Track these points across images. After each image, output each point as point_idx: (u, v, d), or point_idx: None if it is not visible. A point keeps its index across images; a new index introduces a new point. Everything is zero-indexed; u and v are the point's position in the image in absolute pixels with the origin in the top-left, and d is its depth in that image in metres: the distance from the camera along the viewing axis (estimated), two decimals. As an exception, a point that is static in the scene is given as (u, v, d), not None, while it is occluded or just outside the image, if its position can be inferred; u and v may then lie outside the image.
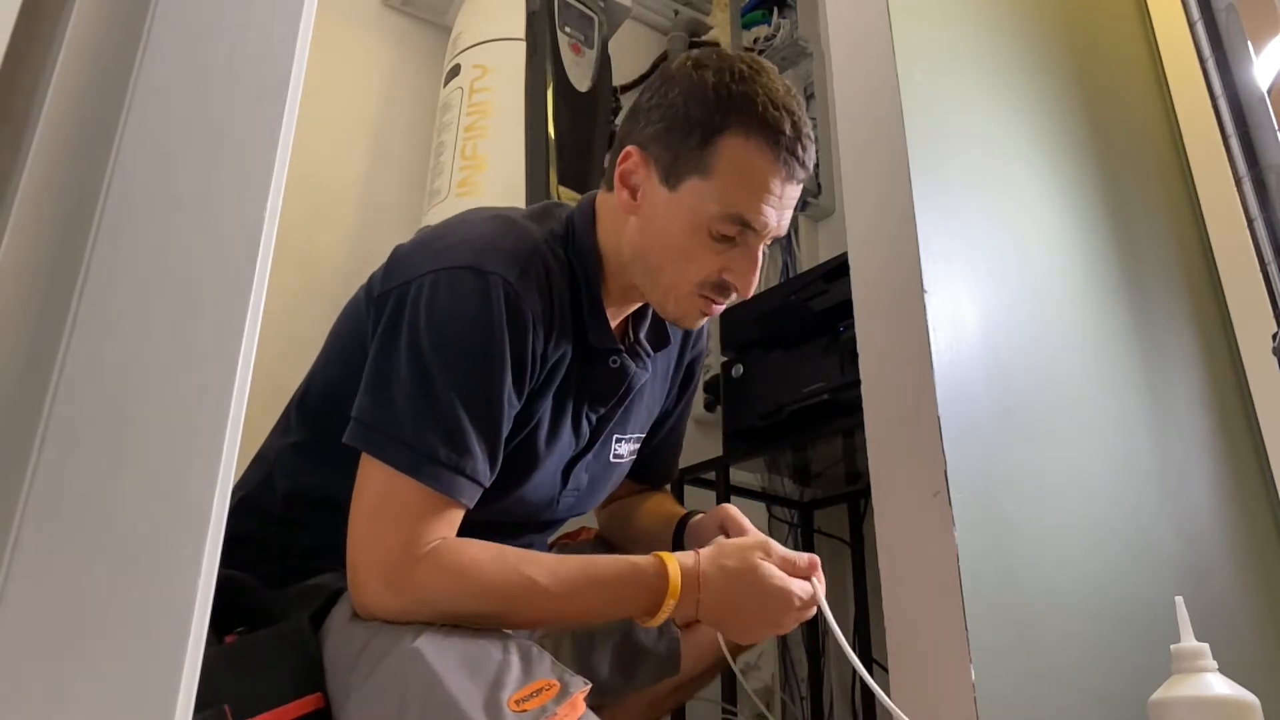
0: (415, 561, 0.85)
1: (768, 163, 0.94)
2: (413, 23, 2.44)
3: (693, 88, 0.96)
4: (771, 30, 2.47)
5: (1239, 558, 1.45)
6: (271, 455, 1.05)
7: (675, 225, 0.97)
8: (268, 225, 0.53)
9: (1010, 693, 1.01)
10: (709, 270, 0.98)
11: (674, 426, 1.25)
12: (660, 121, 0.98)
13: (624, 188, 1.00)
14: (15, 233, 0.45)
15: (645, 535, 1.19)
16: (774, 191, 0.95)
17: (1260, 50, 1.53)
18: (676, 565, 0.91)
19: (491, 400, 0.90)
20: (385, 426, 0.88)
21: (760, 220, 0.96)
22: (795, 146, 0.95)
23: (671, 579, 0.90)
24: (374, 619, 0.86)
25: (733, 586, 0.91)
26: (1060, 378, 1.32)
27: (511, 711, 0.76)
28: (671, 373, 1.19)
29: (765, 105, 0.94)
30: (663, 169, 0.97)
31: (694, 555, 0.93)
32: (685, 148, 0.96)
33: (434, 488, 0.87)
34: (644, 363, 1.08)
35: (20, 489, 0.42)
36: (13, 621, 0.41)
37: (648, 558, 0.92)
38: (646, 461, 1.21)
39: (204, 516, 0.47)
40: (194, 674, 0.45)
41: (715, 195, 0.95)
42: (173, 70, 0.52)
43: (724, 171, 0.94)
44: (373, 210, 2.24)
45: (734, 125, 0.94)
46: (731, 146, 0.94)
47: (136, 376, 0.47)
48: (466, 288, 0.91)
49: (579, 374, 1.01)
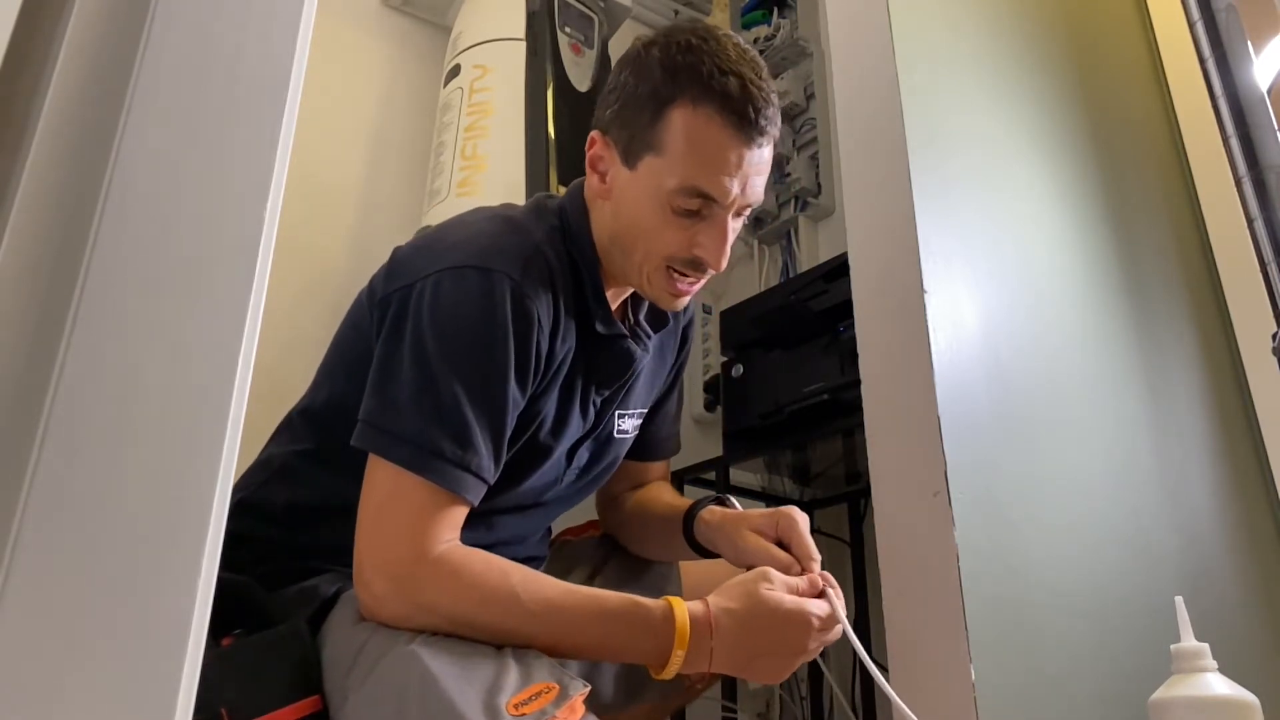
0: (421, 564, 0.85)
1: (717, 129, 0.92)
2: (413, 23, 2.44)
3: (641, 65, 0.97)
4: (771, 30, 2.47)
5: (1239, 558, 1.45)
6: (276, 461, 1.05)
7: (639, 205, 0.96)
8: (268, 225, 0.53)
9: (1010, 693, 1.01)
10: (677, 246, 0.96)
11: (673, 393, 1.24)
12: (616, 103, 0.99)
13: (594, 173, 1.02)
14: (15, 233, 0.45)
15: (651, 529, 1.17)
16: (730, 159, 0.93)
17: (1260, 50, 1.53)
18: (685, 612, 0.86)
19: (496, 397, 0.90)
20: (390, 426, 0.88)
21: (720, 190, 0.93)
22: (746, 108, 0.92)
23: (679, 626, 0.85)
24: (375, 619, 0.86)
25: (745, 626, 0.86)
26: (1060, 378, 1.32)
27: (510, 715, 0.75)
28: (669, 346, 1.20)
29: (711, 72, 0.92)
30: (622, 150, 0.98)
31: (703, 604, 0.88)
32: (638, 126, 0.95)
33: (440, 484, 0.86)
34: (645, 345, 1.08)
35: (20, 489, 0.42)
36: (13, 621, 0.41)
37: (658, 601, 0.88)
38: (652, 431, 1.20)
39: (204, 517, 0.47)
40: (194, 674, 0.45)
41: (670, 170, 0.93)
42: (173, 70, 0.52)
43: (675, 144, 0.93)
44: (373, 210, 2.24)
45: (681, 96, 0.93)
46: (680, 118, 0.93)
47: (136, 376, 0.47)
48: (470, 286, 0.91)
49: (586, 361, 1.02)
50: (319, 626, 0.91)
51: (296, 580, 0.97)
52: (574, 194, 1.06)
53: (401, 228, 2.14)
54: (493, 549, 0.90)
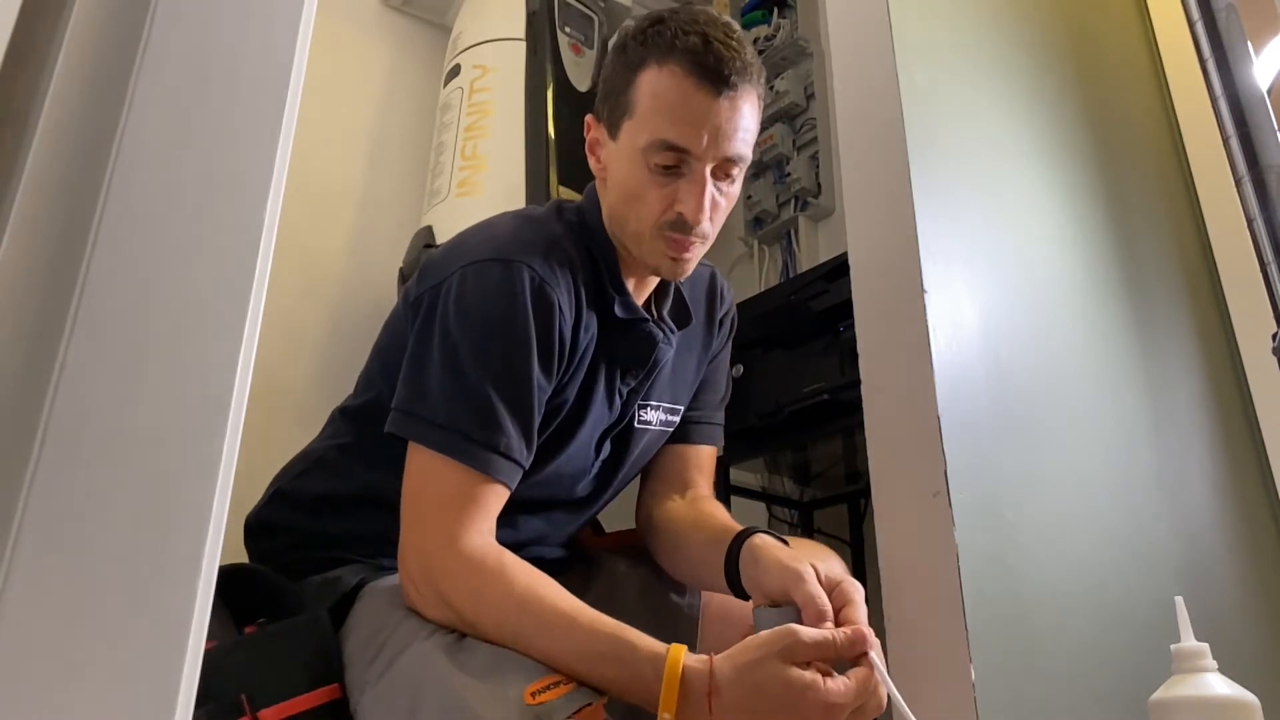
0: (447, 552, 0.87)
1: (679, 80, 0.94)
2: (413, 23, 2.44)
3: (619, 45, 1.02)
4: (771, 30, 2.47)
5: (1239, 558, 1.45)
6: (315, 454, 1.10)
7: (623, 171, 0.99)
8: (267, 226, 0.53)
9: (1010, 693, 1.01)
10: (661, 206, 0.97)
11: (713, 379, 1.21)
12: (602, 87, 1.04)
13: (591, 156, 1.06)
14: (15, 233, 0.45)
15: (693, 555, 1.06)
16: (697, 109, 0.94)
17: (1260, 50, 1.53)
18: (677, 677, 0.77)
19: (521, 381, 0.93)
20: (420, 411, 0.92)
21: (687, 139, 0.94)
22: (707, 58, 0.93)
23: (665, 689, 0.77)
24: (408, 602, 0.89)
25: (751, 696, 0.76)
26: (1060, 378, 1.32)
27: (528, 704, 0.75)
28: (703, 339, 1.18)
29: (676, 33, 0.95)
30: (607, 125, 1.02)
31: (707, 663, 0.79)
32: (616, 98, 1.00)
33: (470, 465, 0.89)
34: (668, 337, 1.09)
35: (20, 489, 0.42)
36: (13, 621, 0.41)
37: (656, 652, 0.80)
38: (686, 415, 1.16)
39: (204, 516, 0.47)
40: (194, 674, 0.45)
41: (642, 128, 0.96)
42: (173, 70, 0.52)
43: (644, 103, 0.96)
44: (373, 210, 2.24)
45: (648, 60, 0.96)
46: (647, 79, 0.96)
47: (136, 377, 0.47)
48: (493, 277, 0.95)
49: (609, 347, 1.04)
50: (341, 616, 0.94)
51: (322, 570, 1.00)
52: (589, 192, 1.09)
53: (401, 228, 2.14)
54: (516, 550, 0.90)
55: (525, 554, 0.91)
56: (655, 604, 1.12)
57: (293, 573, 1.00)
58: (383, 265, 2.14)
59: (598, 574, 1.15)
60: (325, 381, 1.94)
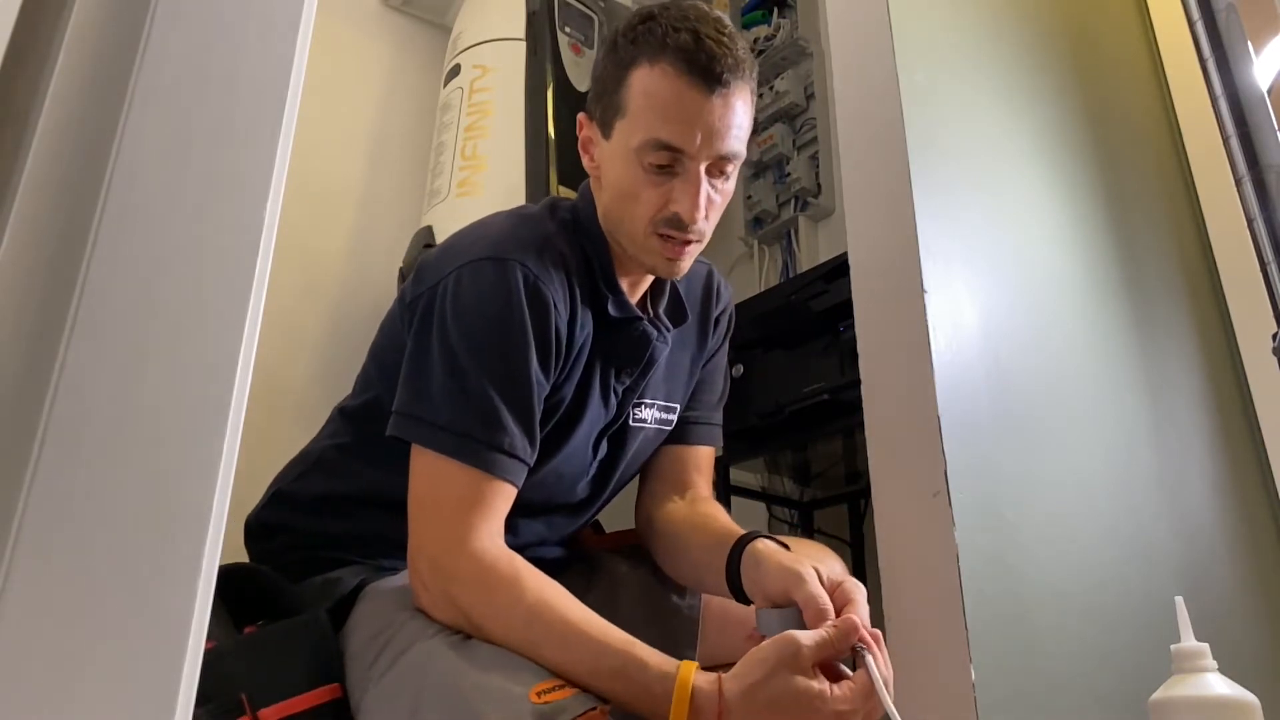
0: (455, 553, 0.87)
1: (671, 79, 0.94)
2: (413, 23, 2.44)
3: (610, 43, 1.01)
4: (771, 30, 2.46)
5: (1239, 558, 1.45)
6: (315, 454, 1.10)
7: (617, 171, 0.99)
8: (268, 226, 0.53)
9: (1010, 693, 1.01)
10: (655, 205, 0.97)
11: (709, 379, 1.20)
12: (594, 86, 1.04)
13: (585, 155, 1.06)
14: (15, 233, 0.45)
15: (694, 559, 1.06)
16: (687, 107, 0.94)
17: (1260, 50, 1.53)
18: (689, 690, 0.77)
19: (520, 378, 0.93)
20: (422, 414, 0.92)
21: (680, 138, 0.94)
22: (699, 56, 0.93)
23: (676, 700, 0.77)
24: (418, 603, 0.89)
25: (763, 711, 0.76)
26: (1060, 378, 1.32)
27: (533, 703, 0.75)
28: (699, 336, 1.18)
29: (666, 31, 0.95)
30: (600, 124, 1.02)
31: (715, 683, 0.78)
32: (609, 97, 0.99)
33: (473, 465, 0.89)
34: (663, 335, 1.09)
35: (20, 489, 0.42)
36: (13, 621, 0.41)
37: (667, 671, 0.79)
38: (683, 414, 1.16)
39: (204, 516, 0.47)
40: (194, 673, 0.45)
41: (635, 127, 0.96)
42: (173, 70, 0.52)
43: (636, 102, 0.96)
44: (373, 210, 2.24)
45: (639, 59, 0.96)
46: (639, 78, 0.96)
47: (136, 377, 0.47)
48: (487, 276, 0.95)
49: (604, 346, 1.04)
50: (341, 617, 0.94)
51: (323, 570, 1.00)
52: (584, 190, 1.09)
53: (401, 228, 2.14)
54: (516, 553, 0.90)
55: (525, 556, 0.91)
56: (656, 605, 1.12)
57: (293, 573, 1.00)
58: (383, 265, 2.14)
59: (598, 575, 1.15)
60: (325, 381, 1.94)
